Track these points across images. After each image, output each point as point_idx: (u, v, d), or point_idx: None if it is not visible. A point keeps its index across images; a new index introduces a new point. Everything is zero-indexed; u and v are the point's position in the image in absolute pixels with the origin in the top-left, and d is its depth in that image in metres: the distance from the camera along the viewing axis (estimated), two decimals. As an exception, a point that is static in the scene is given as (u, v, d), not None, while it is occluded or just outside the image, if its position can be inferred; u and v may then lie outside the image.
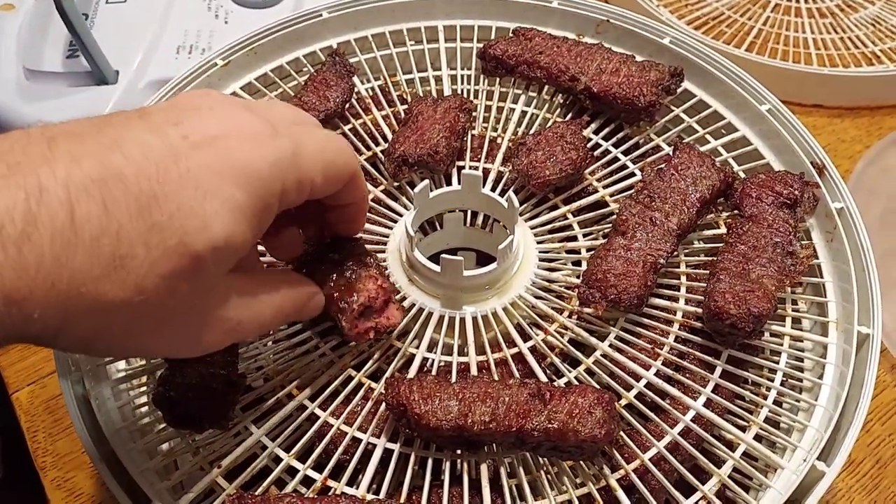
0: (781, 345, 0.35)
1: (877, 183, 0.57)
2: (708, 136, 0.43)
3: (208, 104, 0.25)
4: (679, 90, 0.43)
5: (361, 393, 0.34)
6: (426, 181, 0.38)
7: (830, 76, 0.59)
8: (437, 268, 0.36)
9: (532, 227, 0.40)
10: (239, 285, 0.27)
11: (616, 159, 0.42)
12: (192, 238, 0.23)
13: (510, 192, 0.38)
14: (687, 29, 0.63)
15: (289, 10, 0.58)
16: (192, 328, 0.25)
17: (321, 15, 0.46)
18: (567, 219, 0.40)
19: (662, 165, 0.39)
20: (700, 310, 0.35)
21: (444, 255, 0.35)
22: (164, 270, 0.22)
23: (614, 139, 0.43)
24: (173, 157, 0.23)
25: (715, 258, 0.37)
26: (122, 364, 0.36)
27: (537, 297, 0.37)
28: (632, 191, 0.39)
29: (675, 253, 0.38)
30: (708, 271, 0.36)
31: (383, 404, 0.33)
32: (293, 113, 0.29)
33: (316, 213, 0.32)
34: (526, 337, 0.36)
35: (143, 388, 0.35)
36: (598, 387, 0.34)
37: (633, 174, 0.41)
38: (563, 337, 0.36)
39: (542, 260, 0.38)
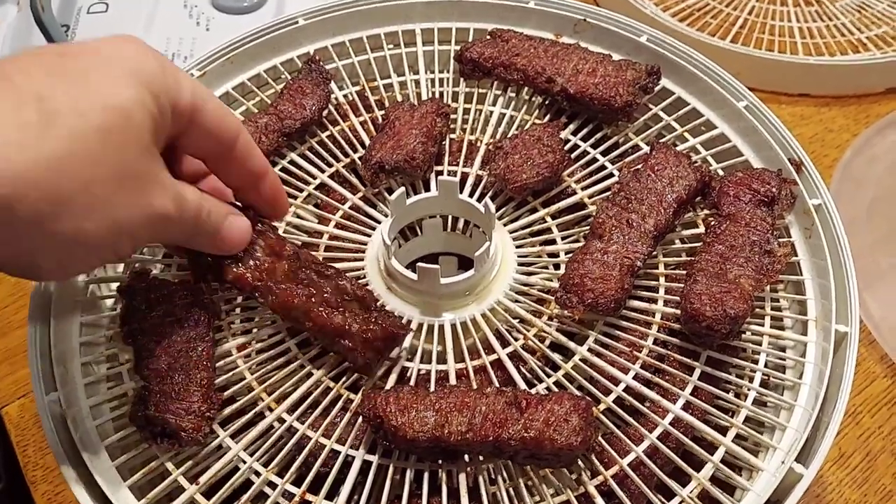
0: (760, 345, 0.35)
1: (865, 172, 0.56)
2: (686, 134, 0.42)
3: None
4: (657, 88, 0.43)
5: (340, 404, 0.34)
6: (401, 189, 0.38)
7: (816, 65, 0.59)
8: (414, 276, 0.36)
9: (511, 232, 0.39)
10: (164, 163, 0.28)
11: (595, 160, 0.42)
12: (111, 97, 0.25)
13: (487, 199, 0.38)
14: (672, 21, 0.62)
15: (270, 15, 0.58)
16: (142, 188, 0.27)
17: (297, 22, 0.45)
18: (546, 222, 0.40)
19: (639, 166, 0.39)
20: (679, 311, 0.35)
21: (420, 264, 0.35)
22: (97, 122, 0.24)
23: (593, 139, 0.42)
24: (70, 57, 0.26)
25: (693, 258, 0.36)
26: (100, 379, 0.36)
27: (516, 302, 0.37)
28: (609, 192, 0.39)
29: (654, 254, 0.38)
30: (686, 272, 0.36)
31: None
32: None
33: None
34: (505, 343, 0.36)
35: (120, 405, 0.35)
36: (577, 392, 0.34)
37: (611, 175, 0.41)
38: (542, 342, 0.36)
39: (521, 264, 0.38)
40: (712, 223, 0.37)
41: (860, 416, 0.47)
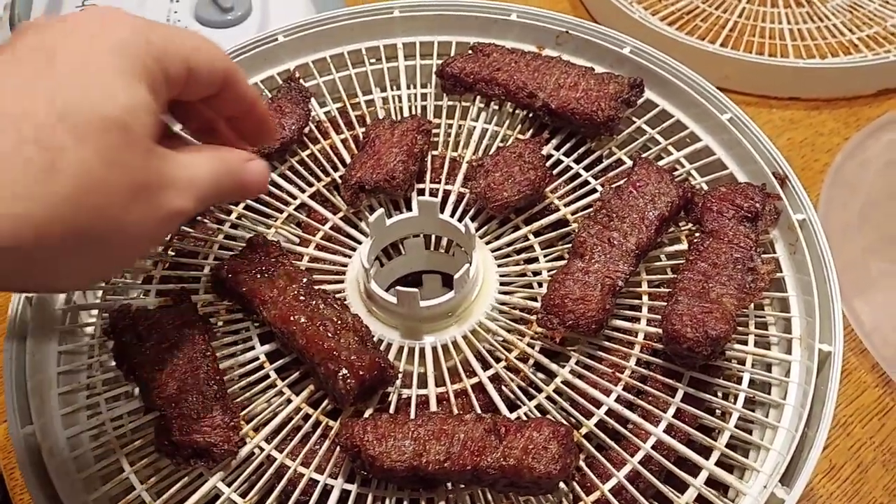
0: (744, 364, 0.35)
1: (856, 177, 0.56)
2: (671, 147, 0.42)
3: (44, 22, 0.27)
4: (641, 100, 0.43)
5: (319, 431, 0.34)
6: (380, 210, 0.38)
7: (806, 68, 0.58)
8: (393, 299, 0.36)
9: (493, 250, 0.39)
10: (169, 151, 0.27)
11: (578, 175, 0.41)
12: (106, 108, 0.24)
13: (467, 219, 0.37)
14: (661, 25, 0.62)
15: (254, 28, 0.57)
16: (156, 197, 0.26)
17: (277, 39, 0.45)
18: (528, 240, 0.39)
19: (621, 183, 0.38)
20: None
21: (398, 288, 0.35)
22: (99, 145, 0.23)
23: (576, 154, 0.42)
24: (49, 55, 0.24)
25: (676, 276, 0.36)
26: (79, 409, 0.36)
27: (498, 324, 0.37)
28: (590, 210, 0.38)
29: (637, 271, 0.37)
30: (668, 290, 0.36)
31: (340, 444, 0.32)
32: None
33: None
34: (487, 365, 0.36)
35: (99, 433, 0.35)
36: (558, 416, 0.34)
37: (595, 190, 0.40)
38: (525, 362, 0.36)
39: (502, 284, 0.38)
40: (695, 240, 0.37)
41: (851, 426, 0.47)
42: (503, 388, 0.35)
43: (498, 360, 0.36)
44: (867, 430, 0.47)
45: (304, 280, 0.36)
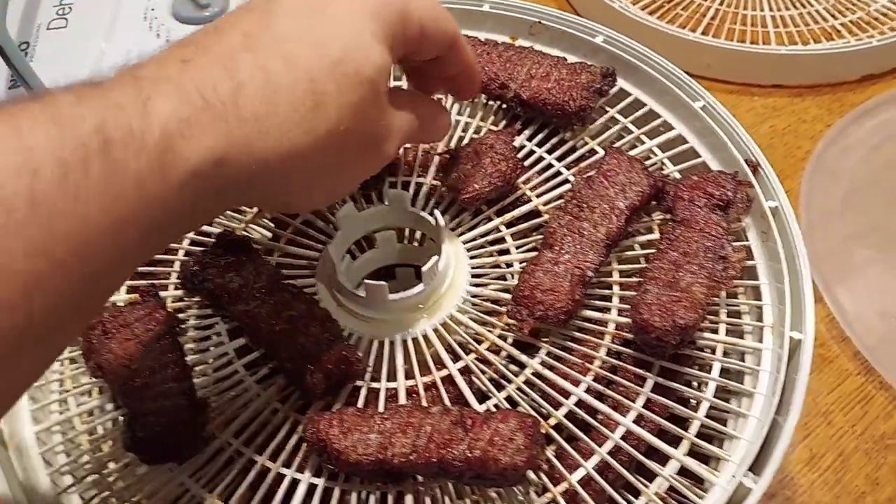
0: (714, 353, 0.35)
1: (838, 163, 0.55)
2: (644, 137, 0.41)
3: None
4: (614, 89, 0.42)
5: (288, 426, 0.34)
6: (349, 204, 0.37)
7: (788, 55, 0.58)
8: (362, 293, 0.35)
9: (465, 242, 0.39)
10: (389, 106, 0.30)
11: (550, 166, 0.41)
12: (363, 67, 0.27)
13: (436, 211, 0.37)
14: (641, 14, 0.61)
15: (231, 22, 0.57)
16: (379, 146, 0.30)
17: (247, 33, 0.45)
18: (500, 231, 0.39)
19: (592, 173, 0.38)
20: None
21: (367, 281, 0.35)
22: (354, 98, 0.27)
23: (549, 145, 0.42)
24: (321, 7, 0.27)
25: (646, 266, 0.36)
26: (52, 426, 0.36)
27: (469, 316, 0.36)
28: (561, 201, 0.38)
29: (608, 261, 0.37)
30: (638, 280, 0.35)
31: (307, 439, 0.32)
32: None
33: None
34: (457, 358, 0.35)
35: (66, 429, 0.35)
36: (528, 407, 0.34)
37: (567, 181, 0.40)
38: (497, 354, 0.35)
39: (475, 276, 0.38)
40: (666, 229, 0.37)
41: (832, 415, 0.46)
42: (474, 380, 0.35)
43: (468, 353, 0.36)
44: (849, 418, 0.46)
45: (273, 275, 0.36)
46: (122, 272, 0.25)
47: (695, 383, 0.36)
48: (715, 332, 0.35)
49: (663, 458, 0.33)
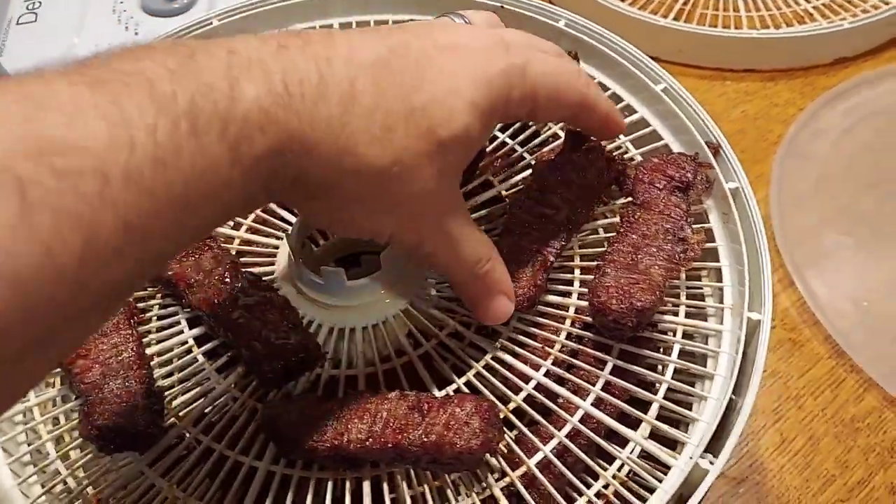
0: (675, 335, 0.34)
1: (810, 147, 0.55)
2: (607, 120, 0.41)
3: (454, 25, 0.32)
4: (577, 74, 0.42)
5: (246, 414, 0.34)
6: (308, 191, 0.37)
7: (760, 39, 0.58)
8: (320, 280, 0.35)
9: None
10: (462, 210, 0.31)
11: (513, 151, 0.41)
12: (438, 126, 0.27)
13: (396, 196, 0.37)
14: (614, 1, 0.61)
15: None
16: (421, 216, 0.29)
17: (211, 23, 0.44)
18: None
19: (553, 157, 0.38)
20: (589, 305, 0.34)
21: (324, 267, 0.35)
22: (417, 149, 0.27)
23: (511, 130, 0.41)
24: (427, 57, 0.27)
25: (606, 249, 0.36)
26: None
27: (431, 302, 0.36)
28: (522, 186, 0.38)
29: (570, 246, 0.37)
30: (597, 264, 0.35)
31: (266, 426, 0.32)
32: (528, 39, 0.32)
33: None
34: (417, 344, 0.35)
35: (25, 420, 0.34)
36: (488, 393, 0.34)
37: (530, 166, 0.40)
38: (461, 341, 0.35)
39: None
40: (626, 212, 0.36)
41: (803, 399, 0.46)
42: (435, 366, 0.35)
43: (429, 339, 0.35)
44: (819, 401, 0.46)
45: (231, 263, 0.36)
46: (181, 248, 0.28)
47: (660, 367, 0.36)
48: (676, 314, 0.35)
49: (625, 442, 0.32)
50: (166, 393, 0.34)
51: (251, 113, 0.23)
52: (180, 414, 0.34)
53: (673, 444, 0.33)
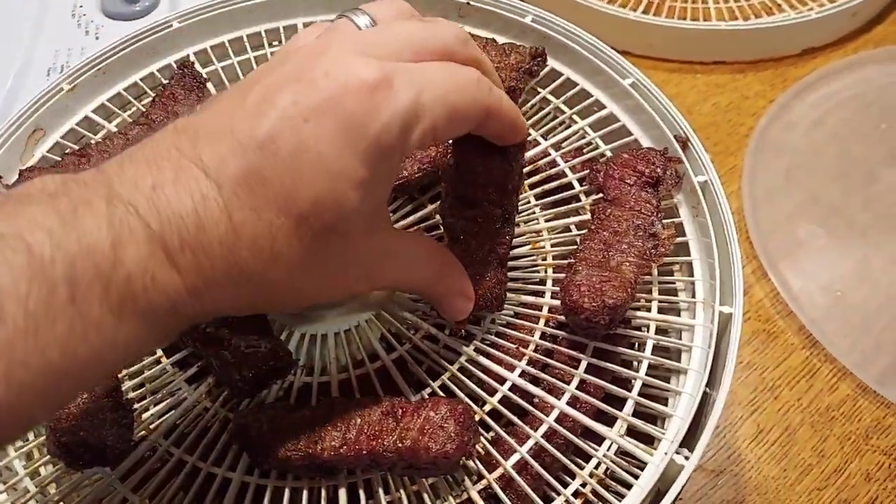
0: (648, 331, 0.34)
1: (781, 139, 0.55)
2: (576, 117, 0.41)
3: (323, 67, 0.25)
4: (545, 70, 0.42)
5: (218, 424, 0.33)
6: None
7: (728, 31, 0.58)
8: (290, 286, 0.35)
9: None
10: (399, 239, 0.31)
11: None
12: (334, 220, 0.25)
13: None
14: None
15: (164, 17, 0.56)
16: (355, 275, 0.29)
17: (171, 25, 0.44)
18: (434, 218, 0.39)
19: (455, 164, 0.36)
20: (562, 303, 0.34)
21: (294, 273, 0.34)
22: (306, 241, 0.25)
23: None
24: (299, 143, 0.24)
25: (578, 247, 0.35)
26: None
27: (404, 305, 0.36)
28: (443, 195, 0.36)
29: (542, 245, 0.37)
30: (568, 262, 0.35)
31: (239, 437, 0.32)
32: (416, 43, 0.28)
33: None
34: (391, 348, 0.35)
35: None
36: (462, 395, 0.33)
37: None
38: (436, 343, 0.35)
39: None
40: (597, 209, 0.36)
41: (778, 389, 0.46)
42: (409, 369, 0.34)
43: (403, 343, 0.35)
44: (795, 392, 0.47)
45: None
46: (75, 399, 0.29)
47: (634, 363, 0.36)
48: (649, 310, 0.35)
49: (602, 440, 0.32)
50: (136, 405, 0.33)
51: (134, 274, 0.23)
52: (151, 426, 0.33)
53: (650, 440, 0.33)
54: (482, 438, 0.32)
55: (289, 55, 0.27)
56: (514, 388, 0.33)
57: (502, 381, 0.33)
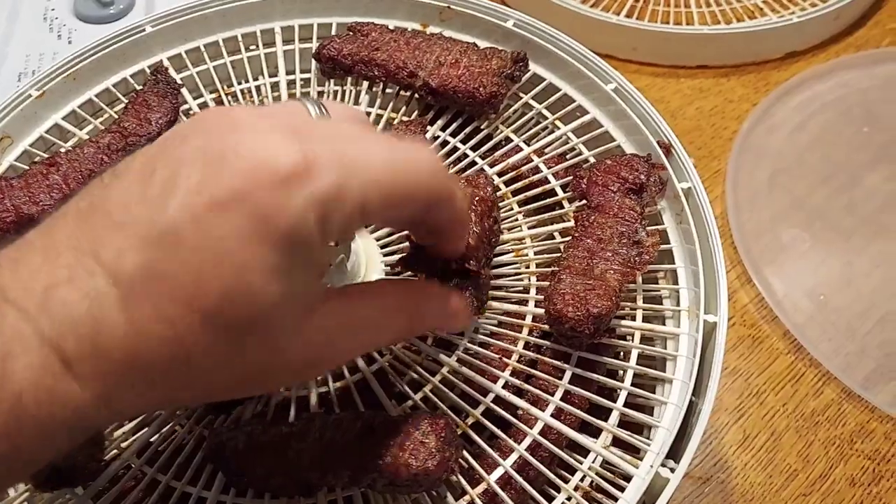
0: (633, 339, 0.34)
1: (764, 142, 0.55)
2: (559, 123, 0.41)
3: (235, 143, 0.22)
4: (528, 75, 0.41)
5: (193, 442, 0.32)
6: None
7: (711, 35, 0.57)
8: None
9: (378, 239, 0.37)
10: (326, 318, 0.25)
11: (465, 156, 0.40)
12: (246, 320, 0.22)
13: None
14: (567, 1, 0.60)
15: (139, 20, 0.55)
16: (285, 370, 0.25)
17: (144, 29, 0.43)
18: (415, 225, 0.38)
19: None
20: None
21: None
22: (220, 337, 0.22)
23: (462, 134, 0.40)
24: (203, 236, 0.21)
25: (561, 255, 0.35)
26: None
27: (383, 315, 0.35)
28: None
29: (525, 252, 0.36)
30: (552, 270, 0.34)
31: (214, 454, 0.31)
32: (347, 128, 0.26)
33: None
34: (371, 360, 0.34)
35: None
36: (445, 408, 0.33)
37: (482, 170, 0.39)
38: (418, 355, 0.34)
39: (388, 274, 0.36)
40: (581, 216, 0.36)
41: (764, 395, 0.46)
42: (390, 381, 0.34)
43: (384, 354, 0.34)
44: (780, 397, 0.46)
45: None
46: None
47: (620, 373, 0.35)
48: (634, 318, 0.34)
49: (587, 451, 0.32)
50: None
51: (25, 391, 0.21)
52: (123, 444, 0.32)
53: (636, 449, 0.32)
54: (465, 452, 0.31)
55: (207, 120, 0.23)
56: (498, 400, 0.33)
57: (485, 392, 0.33)
